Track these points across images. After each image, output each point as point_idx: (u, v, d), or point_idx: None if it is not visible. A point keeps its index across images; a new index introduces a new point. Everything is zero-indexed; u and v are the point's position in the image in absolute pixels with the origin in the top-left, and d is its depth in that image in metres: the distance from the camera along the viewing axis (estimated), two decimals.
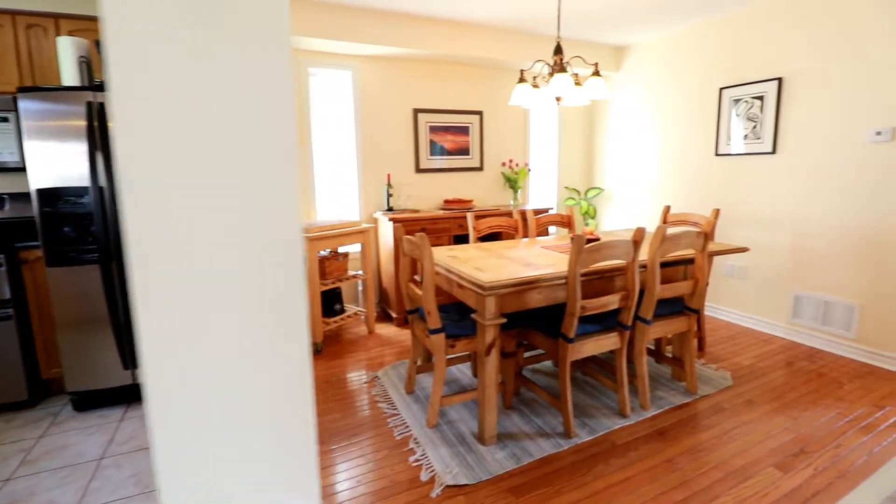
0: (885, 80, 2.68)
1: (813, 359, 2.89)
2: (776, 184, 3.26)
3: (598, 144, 4.84)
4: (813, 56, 2.99)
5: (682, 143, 3.93)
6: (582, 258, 1.90)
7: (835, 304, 2.97)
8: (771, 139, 3.28)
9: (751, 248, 3.45)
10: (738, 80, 3.47)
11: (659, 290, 2.20)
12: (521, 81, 2.57)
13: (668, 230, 2.28)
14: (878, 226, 2.74)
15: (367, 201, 3.83)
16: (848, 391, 2.48)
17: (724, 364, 2.82)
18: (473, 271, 2.01)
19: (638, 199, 4.39)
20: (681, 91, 3.90)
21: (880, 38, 2.68)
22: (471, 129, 4.22)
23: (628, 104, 4.42)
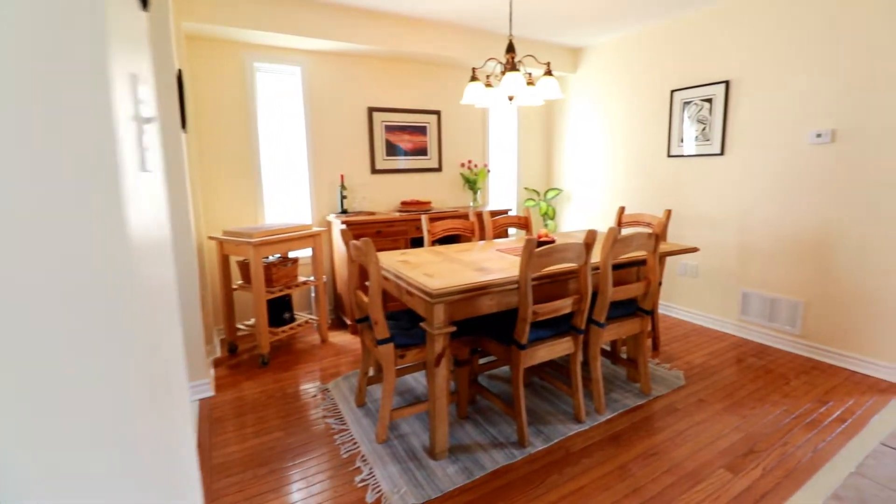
0: (824, 84, 2.77)
1: (761, 355, 2.96)
2: (724, 184, 3.34)
3: (556, 145, 4.85)
4: (758, 60, 3.07)
5: (636, 145, 3.98)
6: (533, 262, 1.84)
7: (780, 301, 3.05)
8: (719, 141, 3.35)
9: (701, 247, 3.52)
10: (688, 82, 3.54)
11: (612, 293, 2.18)
12: (473, 80, 2.50)
13: (621, 232, 2.28)
14: (820, 225, 2.84)
15: (319, 204, 3.68)
16: (794, 387, 2.54)
17: (678, 363, 2.85)
18: (422, 277, 1.92)
19: (596, 199, 4.43)
20: (634, 93, 3.94)
21: (820, 44, 2.77)
22: (428, 129, 4.13)
23: (585, 105, 4.45)
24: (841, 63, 2.68)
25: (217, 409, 2.38)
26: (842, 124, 2.70)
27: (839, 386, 2.54)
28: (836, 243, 2.77)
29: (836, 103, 2.72)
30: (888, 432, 2.09)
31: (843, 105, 2.69)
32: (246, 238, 2.72)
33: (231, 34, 3.07)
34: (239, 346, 3.20)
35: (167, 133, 2.22)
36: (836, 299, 2.79)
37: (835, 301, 2.80)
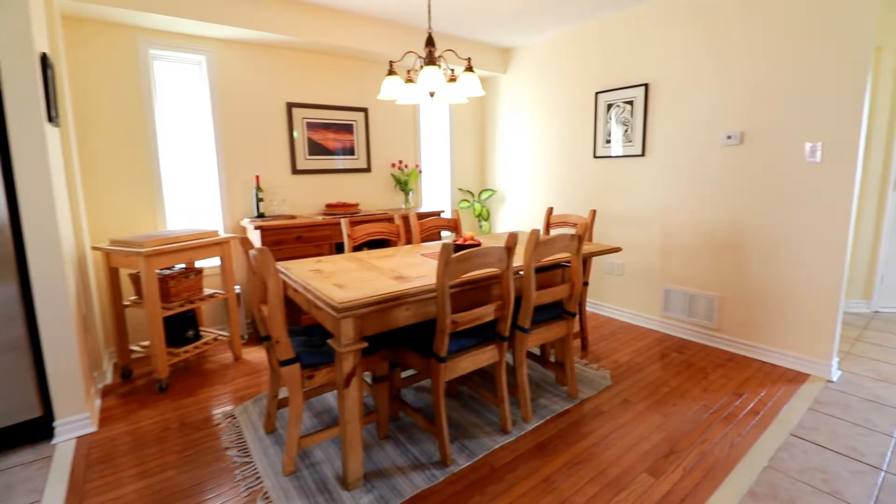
0: (734, 88, 2.89)
1: (682, 350, 3.05)
2: (646, 185, 3.42)
3: (490, 146, 4.81)
4: (674, 64, 3.17)
5: (565, 145, 4.01)
6: (450, 269, 1.71)
7: (698, 296, 3.16)
8: (640, 142, 3.43)
9: (626, 246, 3.59)
10: (611, 84, 3.60)
11: (535, 297, 2.11)
12: (391, 74, 2.34)
13: (551, 233, 2.24)
14: (732, 223, 2.96)
15: (232, 208, 3.36)
16: (712, 380, 2.61)
17: (605, 362, 2.86)
18: (331, 289, 1.73)
19: (529, 200, 4.42)
20: (562, 94, 3.97)
21: (731, 49, 2.89)
22: (355, 128, 3.92)
23: (516, 106, 4.43)
24: (748, 70, 2.80)
25: (98, 447, 2.05)
26: (749, 127, 2.83)
27: (752, 377, 2.64)
28: (746, 240, 2.90)
29: (744, 107, 2.84)
30: (796, 422, 2.18)
31: (751, 109, 2.82)
32: (136, 248, 2.38)
33: (121, 16, 2.71)
34: (134, 371, 2.83)
35: (23, 125, 1.88)
36: (747, 294, 2.93)
37: (746, 296, 2.93)
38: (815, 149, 2.56)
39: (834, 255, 2.54)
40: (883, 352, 2.98)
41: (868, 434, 2.07)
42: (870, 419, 2.19)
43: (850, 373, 2.69)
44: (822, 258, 2.59)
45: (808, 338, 2.68)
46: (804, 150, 2.61)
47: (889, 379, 2.61)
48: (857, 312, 3.76)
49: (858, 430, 2.11)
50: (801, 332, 2.70)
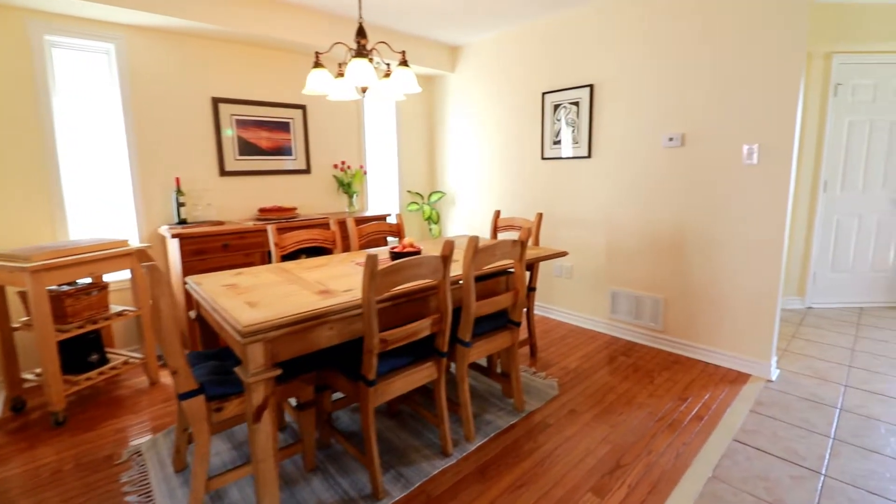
0: (675, 90, 2.88)
1: (629, 353, 3.02)
2: (593, 186, 3.39)
3: (439, 146, 4.67)
4: (618, 65, 3.14)
5: (514, 147, 3.92)
6: (377, 283, 1.54)
7: (644, 298, 3.15)
8: (586, 144, 3.39)
9: (575, 248, 3.55)
10: (557, 85, 3.54)
11: (476, 308, 1.98)
12: (318, 67, 2.14)
13: (493, 238, 2.12)
14: (675, 225, 2.96)
15: (150, 214, 3.03)
16: (658, 384, 2.58)
17: (554, 369, 2.78)
18: (240, 308, 1.52)
19: (479, 202, 4.32)
20: (511, 94, 3.88)
21: (672, 51, 2.88)
22: (292, 126, 3.67)
23: (465, 105, 4.31)
24: (689, 72, 2.80)
25: None
26: (690, 129, 2.83)
27: (696, 380, 2.64)
28: (688, 241, 2.90)
29: (685, 109, 2.84)
30: (739, 426, 2.16)
31: (692, 111, 2.82)
32: (21, 262, 2.06)
33: None
34: (28, 402, 2.47)
35: None
36: (690, 295, 2.93)
37: (689, 297, 2.94)
38: (752, 151, 2.59)
39: (771, 255, 2.57)
40: (817, 348, 3.07)
41: (807, 436, 2.08)
42: (808, 419, 2.21)
43: (788, 371, 2.74)
44: (760, 258, 2.61)
45: (748, 337, 2.71)
46: (742, 152, 2.63)
47: (824, 376, 2.67)
48: (792, 309, 3.89)
49: (798, 431, 2.11)
50: (742, 331, 2.73)
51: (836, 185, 3.80)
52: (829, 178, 3.79)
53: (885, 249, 3.87)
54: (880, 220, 3.84)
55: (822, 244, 3.86)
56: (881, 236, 3.86)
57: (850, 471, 1.83)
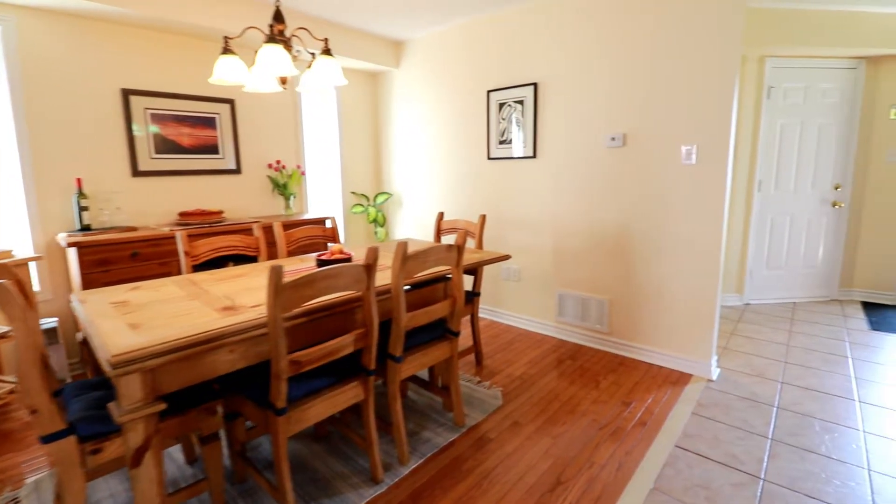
0: (617, 89, 2.84)
1: (576, 356, 2.96)
2: (539, 187, 3.31)
3: (385, 145, 4.48)
4: (560, 63, 3.07)
5: (460, 146, 3.80)
6: (284, 299, 1.36)
7: (590, 300, 3.11)
8: (532, 143, 3.31)
9: (522, 250, 3.47)
10: (502, 83, 3.44)
11: (408, 319, 1.82)
12: (227, 53, 1.92)
13: (437, 241, 1.97)
14: (618, 225, 2.92)
15: (46, 219, 2.67)
16: (603, 389, 2.52)
17: (499, 377, 2.67)
18: (119, 330, 1.29)
19: (426, 203, 4.16)
20: (456, 92, 3.76)
21: (613, 50, 2.83)
22: (219, 122, 3.38)
23: (411, 103, 4.15)
24: (630, 71, 2.77)
25: None
26: (631, 129, 2.80)
27: (640, 382, 2.60)
28: (632, 242, 2.88)
29: (626, 109, 2.81)
30: (680, 431, 2.12)
31: (632, 111, 2.79)
32: None
33: None
34: None
35: None
36: (634, 296, 2.91)
37: (633, 297, 2.91)
38: (691, 151, 2.58)
39: (709, 255, 2.57)
40: (754, 345, 3.13)
41: (746, 437, 2.06)
42: (747, 420, 2.20)
43: (728, 369, 2.76)
44: (700, 258, 2.61)
45: (689, 338, 2.70)
46: (681, 152, 2.62)
47: (762, 374, 2.70)
48: (731, 306, 3.99)
49: (737, 433, 2.09)
50: (683, 332, 2.72)
51: (771, 184, 3.93)
52: (763, 178, 3.91)
53: (815, 247, 4.05)
54: (810, 218, 4.00)
55: (758, 242, 3.98)
56: (811, 234, 4.03)
57: (787, 473, 1.82)
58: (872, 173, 3.97)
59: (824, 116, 3.88)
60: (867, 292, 4.08)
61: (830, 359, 2.89)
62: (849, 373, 2.70)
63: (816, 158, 3.93)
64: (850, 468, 1.84)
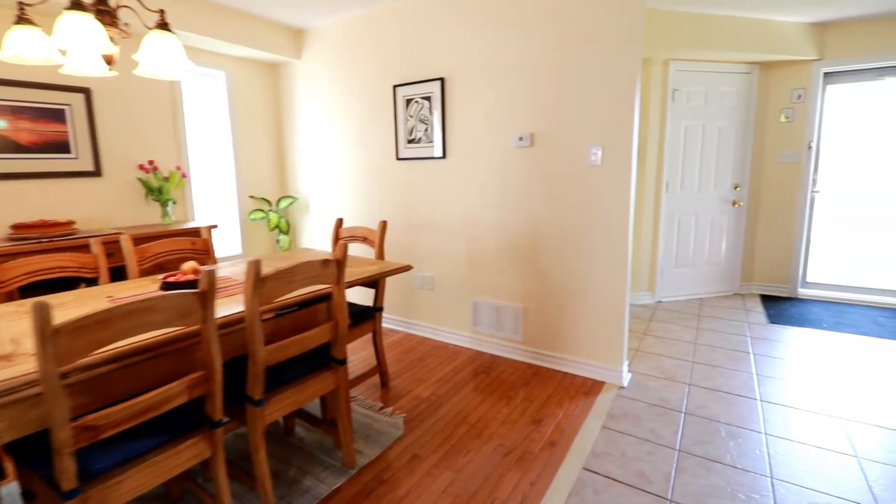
0: (524, 88, 2.69)
1: (490, 369, 2.79)
2: (450, 189, 3.11)
3: (290, 144, 4.07)
4: (469, 58, 2.88)
5: (368, 146, 3.50)
6: (61, 346, 1.00)
7: (505, 308, 2.95)
8: (440, 143, 3.10)
9: (435, 256, 3.24)
10: (408, 77, 3.20)
11: (272, 352, 1.51)
12: (24, 22, 1.49)
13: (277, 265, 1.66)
14: (530, 229, 2.78)
15: None
16: (514, 406, 2.35)
17: (404, 401, 2.42)
18: None
19: (334, 207, 3.82)
20: (362, 87, 3.46)
21: (521, 46, 2.68)
22: (70, 114, 2.83)
23: (315, 98, 3.79)
24: (537, 69, 2.63)
25: None
26: (539, 128, 2.67)
27: (553, 395, 2.46)
28: (543, 246, 2.75)
29: (534, 107, 2.67)
30: (589, 450, 1.98)
31: (540, 110, 2.65)
32: None
33: None
34: None
35: None
36: (546, 302, 2.78)
37: (546, 304, 2.78)
38: (596, 152, 2.48)
39: (617, 257, 2.49)
40: (664, 345, 3.14)
41: (655, 451, 1.97)
42: (655, 430, 2.12)
43: (639, 373, 2.71)
44: (608, 261, 2.52)
45: (600, 343, 2.61)
46: (587, 153, 2.52)
47: (671, 376, 2.67)
48: (644, 304, 4.04)
49: (646, 447, 1.99)
50: (595, 338, 2.63)
51: (677, 185, 4.02)
52: (670, 178, 3.99)
53: (718, 244, 4.20)
54: (713, 217, 4.15)
55: (667, 242, 4.07)
56: (715, 232, 4.18)
57: (694, 490, 1.72)
58: (766, 173, 4.20)
59: (724, 119, 4.04)
60: (765, 286, 4.32)
61: (734, 355, 2.95)
62: (751, 369, 2.75)
63: (717, 159, 4.08)
64: (755, 478, 1.78)
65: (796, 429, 2.12)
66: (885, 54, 3.66)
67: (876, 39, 3.68)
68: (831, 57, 3.85)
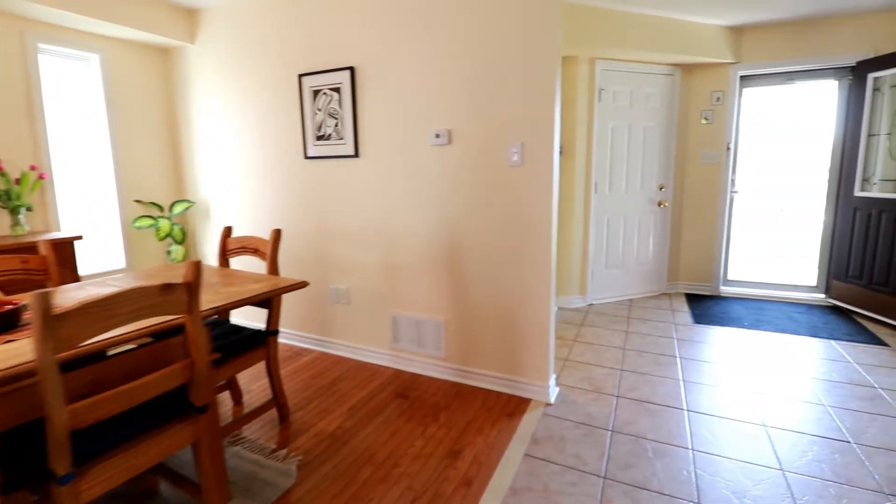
0: (439, 79, 2.44)
1: (409, 391, 2.51)
2: (364, 192, 2.80)
3: (187, 141, 3.58)
4: (380, 45, 2.59)
5: (274, 143, 3.11)
6: None
7: (425, 322, 2.69)
8: (352, 140, 2.78)
9: (351, 267, 2.92)
10: (315, 65, 2.85)
11: (71, 416, 1.14)
12: None
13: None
14: (450, 234, 2.54)
15: None
16: (430, 436, 2.09)
17: (304, 438, 2.09)
18: None
19: (238, 212, 3.38)
20: (267, 75, 3.06)
21: (436, 36, 2.42)
22: None
23: (215, 88, 3.33)
24: (454, 61, 2.39)
25: None
26: (457, 125, 2.43)
27: (475, 419, 2.23)
28: (464, 254, 2.51)
29: (451, 102, 2.43)
30: (507, 486, 1.76)
31: (457, 105, 2.41)
32: None
33: None
34: None
35: None
36: (469, 314, 2.55)
37: (469, 316, 2.56)
38: (516, 151, 2.28)
39: (540, 263, 2.31)
40: (594, 352, 3.01)
41: (579, 481, 1.78)
42: (581, 455, 1.94)
43: (568, 387, 2.55)
44: (530, 267, 2.33)
45: (525, 357, 2.42)
46: (507, 152, 2.31)
47: (599, 388, 2.53)
48: (576, 308, 3.94)
49: (570, 476, 1.80)
50: (519, 351, 2.43)
51: (606, 186, 3.96)
52: (598, 179, 3.91)
53: (646, 245, 4.20)
54: (641, 218, 4.14)
55: (597, 243, 4.00)
56: (642, 233, 4.17)
57: None
58: (689, 174, 4.25)
59: (649, 120, 4.02)
60: (690, 285, 4.37)
61: (661, 360, 2.87)
62: (678, 375, 2.67)
63: (643, 160, 4.06)
64: None
65: (722, 441, 2.02)
66: (795, 58, 3.78)
67: (787, 44, 3.80)
68: (747, 60, 3.94)
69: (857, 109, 3.62)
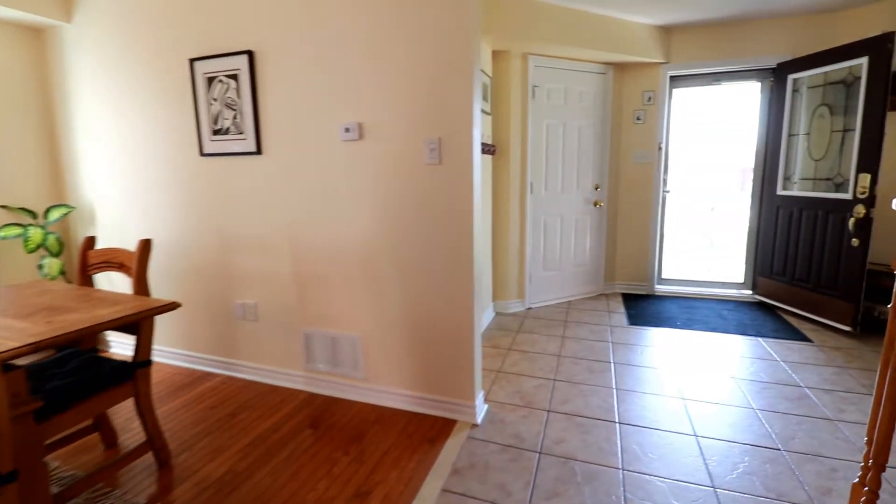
0: (346, 67, 2.17)
1: (321, 419, 2.22)
2: (269, 194, 2.47)
3: (66, 136, 3.07)
4: (281, 26, 2.27)
5: (164, 138, 2.71)
6: None
7: (340, 339, 2.41)
8: (254, 135, 2.45)
9: (257, 279, 2.58)
10: (209, 49, 2.49)
11: None
12: None
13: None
14: (364, 240, 2.27)
15: None
16: (339, 473, 1.82)
17: (184, 488, 1.75)
18: None
19: (130, 218, 2.93)
20: (153, 60, 2.65)
21: (346, 17, 2.14)
22: None
23: (97, 75, 2.86)
24: (363, 49, 2.12)
25: None
26: (369, 118, 2.17)
27: (392, 448, 1.98)
28: (378, 260, 2.26)
29: (360, 93, 2.16)
30: None
31: (367, 96, 2.15)
32: None
33: None
34: None
35: None
36: (389, 328, 2.30)
37: (389, 330, 2.30)
38: (434, 149, 2.05)
39: (462, 272, 2.09)
40: (528, 361, 2.85)
41: None
42: (505, 485, 1.74)
43: (497, 403, 2.36)
44: (451, 277, 2.12)
45: (448, 374, 2.20)
46: (423, 150, 2.08)
47: (531, 402, 2.36)
48: (514, 313, 3.79)
49: None
50: (442, 368, 2.21)
51: (541, 186, 3.84)
52: (534, 179, 3.78)
53: (583, 245, 4.12)
54: (577, 218, 4.05)
55: (534, 245, 3.87)
56: (579, 234, 4.08)
57: None
58: (623, 173, 4.22)
59: (582, 118, 3.94)
60: (627, 285, 4.35)
61: (596, 367, 2.75)
62: (611, 383, 2.55)
63: (579, 160, 3.98)
64: None
65: (653, 457, 1.89)
66: (721, 59, 3.82)
67: (713, 45, 3.83)
68: (676, 61, 3.95)
69: (778, 110, 3.70)
